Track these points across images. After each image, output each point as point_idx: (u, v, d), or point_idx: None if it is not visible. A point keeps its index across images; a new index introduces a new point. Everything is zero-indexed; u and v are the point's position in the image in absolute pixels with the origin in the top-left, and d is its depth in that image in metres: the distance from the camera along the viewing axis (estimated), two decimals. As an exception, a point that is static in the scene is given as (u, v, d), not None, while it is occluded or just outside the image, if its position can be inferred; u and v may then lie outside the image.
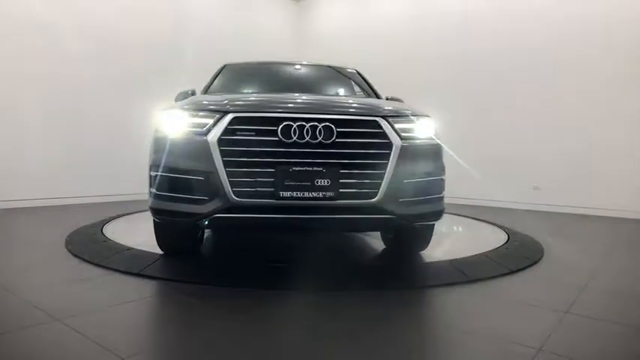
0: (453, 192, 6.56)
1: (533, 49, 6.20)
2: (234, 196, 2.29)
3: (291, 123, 2.33)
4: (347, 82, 4.02)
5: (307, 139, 2.32)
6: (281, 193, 2.30)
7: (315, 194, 2.31)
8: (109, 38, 6.06)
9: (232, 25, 7.78)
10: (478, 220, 4.84)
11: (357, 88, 3.89)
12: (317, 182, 2.30)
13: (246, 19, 8.07)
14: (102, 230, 3.72)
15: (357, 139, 2.39)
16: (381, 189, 2.35)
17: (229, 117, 2.36)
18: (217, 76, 3.93)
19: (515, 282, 2.68)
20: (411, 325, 1.99)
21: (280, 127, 2.32)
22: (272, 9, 8.66)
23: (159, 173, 2.47)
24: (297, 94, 3.20)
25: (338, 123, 2.38)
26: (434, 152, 2.66)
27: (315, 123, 2.34)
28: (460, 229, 4.52)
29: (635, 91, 5.49)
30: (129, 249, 3.11)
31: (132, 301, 2.20)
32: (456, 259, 2.95)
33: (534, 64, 6.19)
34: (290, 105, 2.61)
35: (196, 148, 2.36)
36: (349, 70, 4.12)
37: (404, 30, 7.48)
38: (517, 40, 6.33)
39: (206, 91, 3.64)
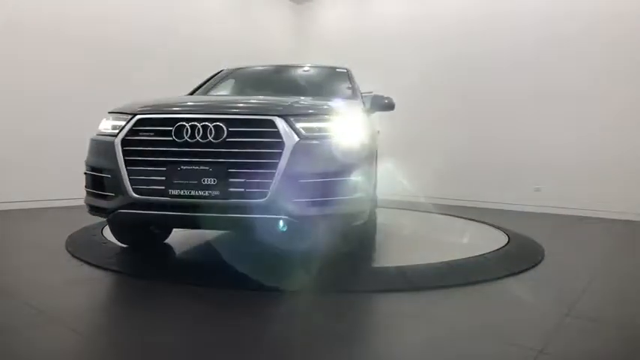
0: (453, 194, 6.71)
1: (534, 48, 6.21)
2: (133, 193, 2.43)
3: (184, 123, 2.41)
4: (333, 81, 4.00)
5: (197, 138, 2.38)
6: (170, 191, 2.39)
7: (201, 193, 2.36)
8: (104, 41, 6.06)
9: (234, 28, 7.79)
10: (478, 221, 4.84)
11: (344, 86, 3.86)
12: (203, 181, 2.35)
13: (247, 21, 8.09)
14: (102, 232, 3.73)
15: (247, 139, 2.39)
16: (271, 189, 2.31)
17: (135, 119, 2.53)
18: (209, 80, 4.12)
19: (516, 283, 2.68)
20: (409, 326, 1.99)
21: (174, 127, 2.41)
22: (273, 11, 8.67)
23: (85, 171, 2.78)
24: (239, 97, 3.37)
25: (230, 123, 2.41)
26: (345, 151, 2.46)
27: (207, 123, 2.39)
28: (460, 231, 4.52)
29: (635, 93, 5.49)
30: (128, 250, 3.11)
31: (133, 302, 2.20)
32: (455, 261, 2.94)
33: (535, 64, 6.20)
34: (188, 106, 2.66)
35: (106, 148, 2.55)
36: (338, 70, 4.10)
37: (405, 31, 7.49)
38: (518, 40, 6.34)
39: (192, 94, 3.83)
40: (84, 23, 5.87)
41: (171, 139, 2.42)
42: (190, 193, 2.37)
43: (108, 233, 3.66)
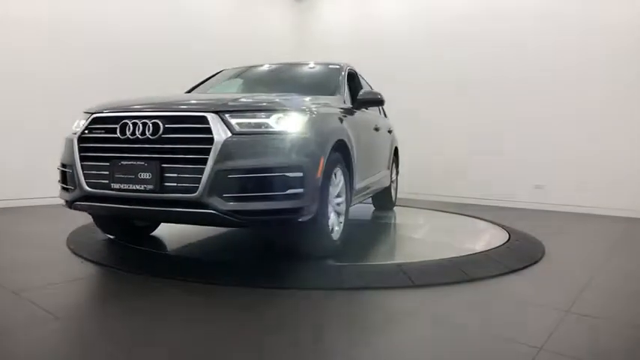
0: (453, 191, 6.71)
1: (535, 48, 6.18)
2: (86, 187, 2.62)
3: (127, 121, 2.55)
4: (323, 78, 3.92)
5: (137, 135, 2.50)
6: (112, 184, 2.54)
7: (138, 187, 2.47)
8: (106, 39, 6.06)
9: (233, 26, 7.78)
10: (479, 218, 4.84)
11: (331, 83, 3.76)
12: (140, 175, 2.46)
13: (247, 19, 8.07)
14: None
15: (181, 135, 2.47)
16: (201, 184, 2.34)
17: (91, 118, 2.73)
18: (207, 80, 4.25)
19: (516, 281, 2.68)
20: (410, 323, 1.99)
21: (119, 125, 2.57)
22: (273, 9, 8.65)
23: (57, 167, 2.96)
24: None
25: (166, 120, 2.50)
26: (280, 147, 2.45)
27: (146, 120, 2.51)
28: (460, 228, 4.52)
29: (637, 90, 5.48)
30: (130, 247, 3.12)
31: (134, 300, 2.20)
32: (456, 258, 2.94)
33: (536, 63, 6.18)
34: (135, 105, 2.74)
35: (69, 145, 2.79)
36: (331, 67, 4.02)
37: (405, 29, 7.47)
38: (519, 40, 6.32)
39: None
40: (84, 23, 5.86)
41: (116, 136, 2.58)
42: (129, 187, 2.49)
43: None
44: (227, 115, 2.45)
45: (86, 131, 2.71)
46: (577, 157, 5.85)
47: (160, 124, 2.47)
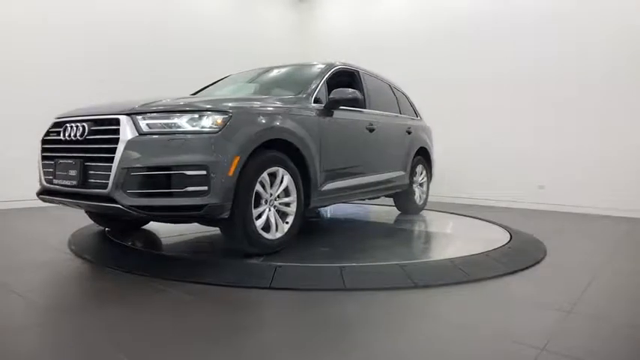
0: (455, 191, 6.70)
1: (536, 49, 6.18)
2: (44, 182, 3.01)
3: (67, 125, 2.86)
4: (304, 78, 3.84)
5: (71, 137, 2.80)
6: (54, 180, 2.89)
7: (68, 182, 2.77)
8: (106, 39, 6.08)
9: (235, 25, 7.79)
10: (481, 219, 4.83)
11: (309, 83, 3.67)
12: (69, 172, 2.76)
13: (249, 19, 8.08)
14: (105, 230, 3.74)
15: (98, 136, 2.70)
16: (110, 180, 2.52)
17: (53, 122, 3.07)
18: (213, 84, 4.41)
19: (518, 281, 2.68)
20: (412, 323, 1.99)
21: (62, 128, 2.89)
22: (275, 9, 8.66)
23: None
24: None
25: (90, 122, 2.76)
26: (183, 146, 2.53)
27: (78, 124, 2.80)
28: (462, 228, 4.52)
29: (637, 91, 5.47)
30: (132, 249, 3.12)
31: (134, 301, 2.21)
32: (457, 258, 2.94)
33: (537, 63, 6.18)
34: (77, 111, 3.04)
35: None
36: (317, 67, 3.95)
37: (407, 28, 7.48)
38: (520, 37, 6.32)
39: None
40: (84, 23, 5.88)
41: (58, 138, 2.91)
42: (63, 182, 2.80)
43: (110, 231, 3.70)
44: (139, 117, 2.58)
45: (47, 135, 3.06)
46: (580, 158, 5.84)
47: (86, 127, 2.74)
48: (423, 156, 5.29)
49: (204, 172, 2.51)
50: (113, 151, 2.54)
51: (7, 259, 3.03)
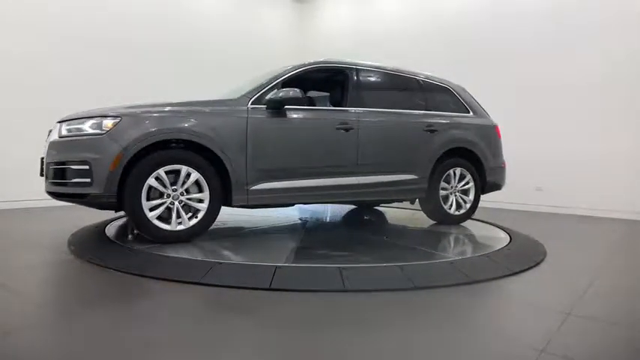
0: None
1: (536, 50, 6.19)
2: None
3: (52, 127, 3.29)
4: (259, 79, 3.85)
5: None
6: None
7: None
8: (106, 39, 6.08)
9: (235, 26, 7.80)
10: (480, 221, 4.84)
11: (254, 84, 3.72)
12: (49, 166, 3.20)
13: (248, 19, 8.09)
14: (104, 230, 3.73)
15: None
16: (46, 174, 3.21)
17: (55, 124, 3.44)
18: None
19: (518, 283, 2.68)
20: (411, 325, 1.99)
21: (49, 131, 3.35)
22: (275, 9, 8.67)
23: None
24: None
25: (58, 127, 3.23)
26: (75, 146, 3.08)
27: (58, 125, 3.23)
28: (462, 230, 4.52)
29: (637, 91, 5.48)
30: (131, 250, 3.12)
31: (133, 302, 2.21)
32: (457, 260, 2.94)
33: (536, 61, 6.19)
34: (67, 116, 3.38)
35: None
36: (280, 68, 3.89)
37: (406, 29, 7.48)
38: (518, 36, 6.34)
39: None
40: (84, 23, 5.88)
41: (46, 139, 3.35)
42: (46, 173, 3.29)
43: (110, 232, 3.69)
44: (64, 124, 3.17)
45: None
46: (578, 159, 5.84)
47: (56, 131, 3.23)
48: (467, 158, 4.56)
49: (86, 167, 2.99)
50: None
51: (6, 259, 3.03)
